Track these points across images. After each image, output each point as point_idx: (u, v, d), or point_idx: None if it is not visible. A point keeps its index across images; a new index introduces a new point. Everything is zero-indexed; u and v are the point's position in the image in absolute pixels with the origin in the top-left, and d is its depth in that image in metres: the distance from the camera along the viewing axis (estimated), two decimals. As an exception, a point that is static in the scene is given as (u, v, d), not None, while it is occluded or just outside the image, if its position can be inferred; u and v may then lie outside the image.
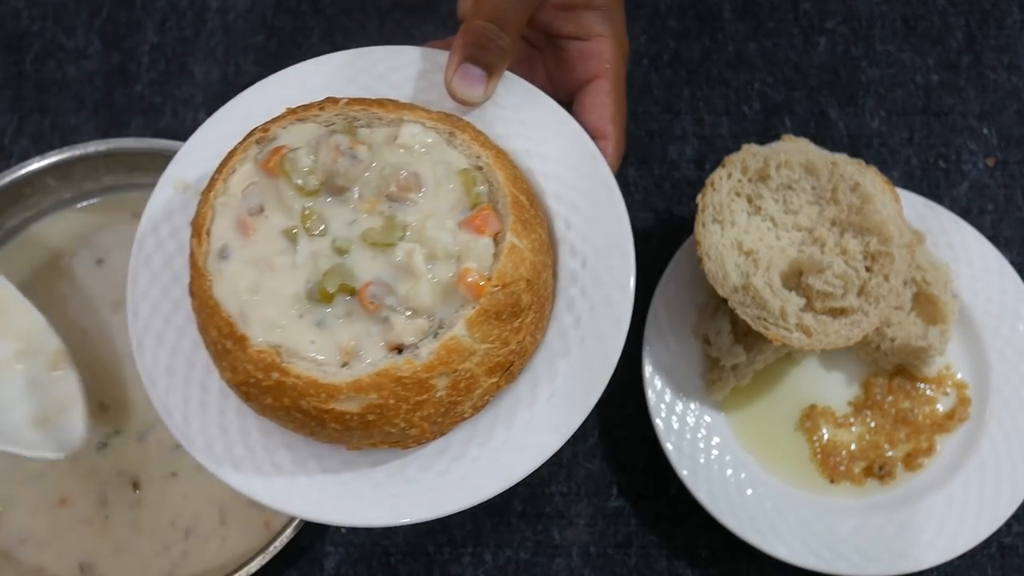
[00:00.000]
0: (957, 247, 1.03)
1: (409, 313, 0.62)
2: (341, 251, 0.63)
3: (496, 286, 0.62)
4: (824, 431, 1.00)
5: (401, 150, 0.66)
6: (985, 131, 1.15)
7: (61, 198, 1.01)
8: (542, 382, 0.67)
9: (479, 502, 0.64)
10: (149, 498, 0.92)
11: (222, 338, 0.62)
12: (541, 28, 0.81)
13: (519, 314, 0.63)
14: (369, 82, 0.73)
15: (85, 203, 1.02)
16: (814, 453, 0.99)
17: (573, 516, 1.01)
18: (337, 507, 0.66)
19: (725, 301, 0.94)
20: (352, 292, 0.62)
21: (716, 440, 0.98)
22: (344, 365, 0.61)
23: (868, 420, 1.00)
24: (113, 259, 1.01)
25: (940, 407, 1.01)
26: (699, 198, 0.96)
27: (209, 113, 0.69)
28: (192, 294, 0.65)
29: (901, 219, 0.95)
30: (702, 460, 0.96)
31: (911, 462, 0.98)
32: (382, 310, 0.62)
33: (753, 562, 0.98)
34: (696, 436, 0.97)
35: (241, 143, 0.67)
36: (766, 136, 1.14)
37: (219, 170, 0.66)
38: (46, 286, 0.99)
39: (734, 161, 0.98)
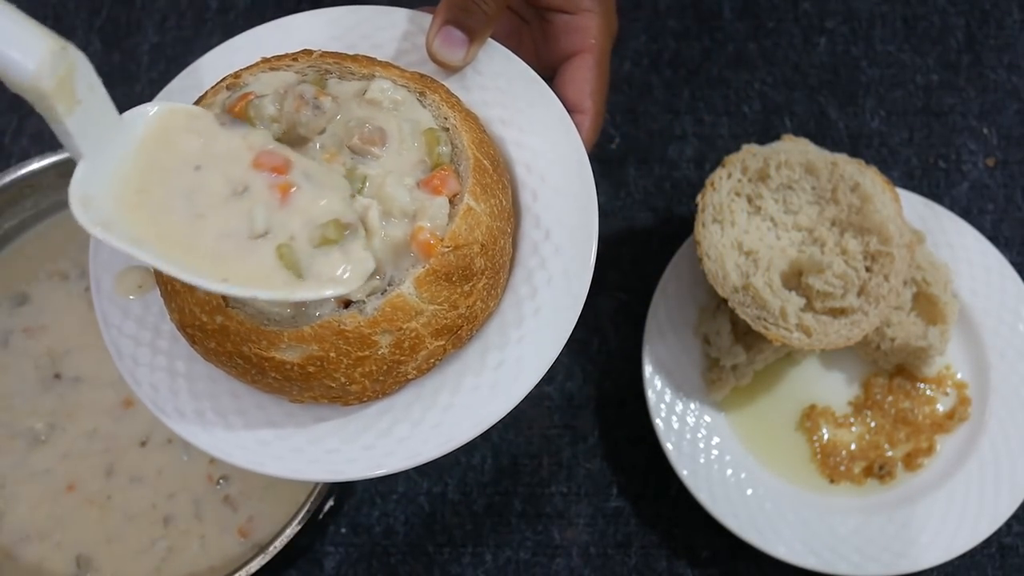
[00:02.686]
0: (957, 247, 1.03)
1: None
2: None
3: (448, 247, 0.61)
4: (824, 431, 1.00)
5: (369, 105, 0.66)
6: (985, 131, 1.15)
7: (61, 198, 1.01)
8: (492, 350, 0.66)
9: (417, 464, 0.64)
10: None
11: (172, 279, 0.62)
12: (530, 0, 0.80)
13: (471, 278, 0.63)
14: (353, 40, 0.73)
15: (85, 203, 1.02)
16: (814, 453, 0.99)
17: (573, 516, 1.01)
18: (275, 459, 0.65)
19: (725, 301, 0.94)
20: None
21: (716, 440, 0.98)
22: (292, 317, 0.61)
23: (868, 420, 1.00)
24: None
25: (940, 407, 1.01)
26: (699, 198, 0.96)
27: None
28: None
29: (901, 219, 0.95)
30: (702, 460, 0.96)
31: (911, 462, 0.98)
32: None
33: (753, 562, 0.98)
34: (696, 436, 0.97)
35: (212, 88, 0.67)
36: (766, 136, 1.14)
37: None
38: (46, 286, 0.99)
39: (734, 161, 0.98)
